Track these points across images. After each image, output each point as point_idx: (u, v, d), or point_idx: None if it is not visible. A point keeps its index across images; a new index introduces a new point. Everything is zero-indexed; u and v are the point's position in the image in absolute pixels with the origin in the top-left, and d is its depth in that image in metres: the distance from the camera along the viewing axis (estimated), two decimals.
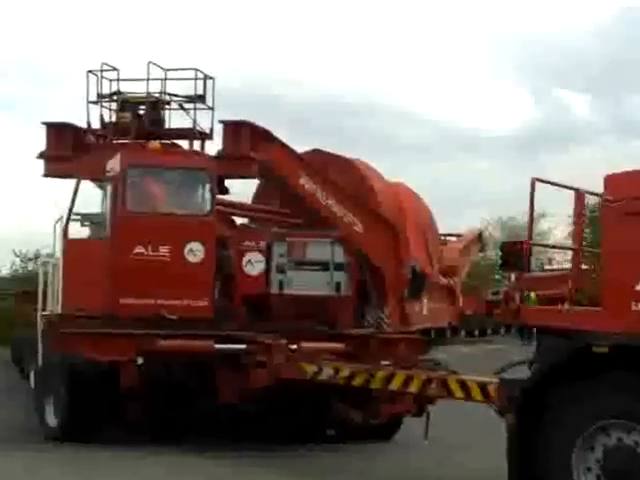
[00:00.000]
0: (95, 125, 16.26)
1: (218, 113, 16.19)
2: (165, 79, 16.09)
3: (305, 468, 11.02)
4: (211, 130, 16.24)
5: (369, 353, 11.96)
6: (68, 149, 16.55)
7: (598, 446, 7.40)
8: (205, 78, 16.13)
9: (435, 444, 10.93)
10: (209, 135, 16.26)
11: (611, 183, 7.90)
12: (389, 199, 18.61)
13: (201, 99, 16.13)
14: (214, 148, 15.87)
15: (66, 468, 10.62)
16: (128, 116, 16.03)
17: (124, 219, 12.34)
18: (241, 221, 16.76)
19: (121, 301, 12.13)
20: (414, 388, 9.45)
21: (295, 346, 11.38)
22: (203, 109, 16.14)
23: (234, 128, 16.04)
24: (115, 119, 16.05)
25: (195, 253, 12.34)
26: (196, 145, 16.10)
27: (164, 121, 16.30)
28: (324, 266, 13.04)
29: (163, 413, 11.97)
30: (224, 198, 15.23)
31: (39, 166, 16.74)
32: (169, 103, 16.28)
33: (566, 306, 8.18)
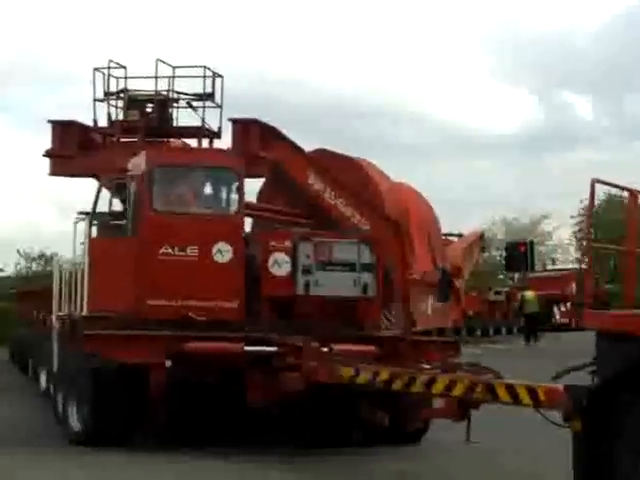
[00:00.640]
0: (101, 123, 16.13)
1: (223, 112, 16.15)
2: (173, 77, 15.89)
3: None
4: (219, 129, 16.03)
5: (399, 355, 11.71)
6: (74, 148, 16.40)
7: None
8: (214, 76, 15.93)
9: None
10: (217, 134, 16.12)
11: None
12: (393, 199, 18.40)
13: (210, 97, 15.94)
14: (223, 147, 15.78)
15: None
16: (136, 114, 15.86)
17: (151, 219, 12.00)
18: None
19: (148, 302, 11.79)
20: (458, 392, 9.13)
21: (326, 349, 11.10)
22: (212, 107, 15.99)
23: (243, 127, 15.80)
24: (122, 117, 15.86)
25: (223, 253, 11.99)
26: (204, 144, 15.96)
27: (172, 119, 16.19)
28: (351, 267, 12.71)
29: (190, 416, 11.71)
30: None
31: (42, 167, 16.51)
32: (177, 101, 16.11)
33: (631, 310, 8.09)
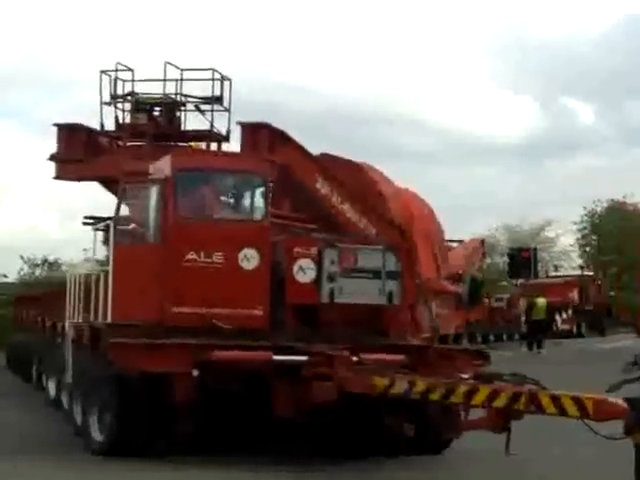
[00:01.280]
0: (108, 127, 15.90)
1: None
2: (181, 80, 15.70)
3: None
4: (228, 132, 15.90)
5: (428, 365, 11.27)
6: (80, 151, 16.17)
7: None
8: (222, 79, 15.76)
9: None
10: (226, 137, 15.97)
11: None
12: (397, 204, 18.32)
13: (218, 101, 15.75)
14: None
15: None
16: (143, 117, 15.64)
17: (175, 225, 11.64)
18: None
19: (173, 310, 11.46)
20: (500, 403, 8.85)
21: (356, 358, 10.73)
22: (220, 111, 15.83)
23: (252, 130, 15.73)
24: (130, 120, 15.63)
25: (249, 260, 11.66)
26: (213, 148, 15.78)
27: (180, 122, 16.00)
28: (375, 274, 12.45)
29: (215, 427, 11.37)
30: None
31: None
32: (184, 104, 15.92)
33: None
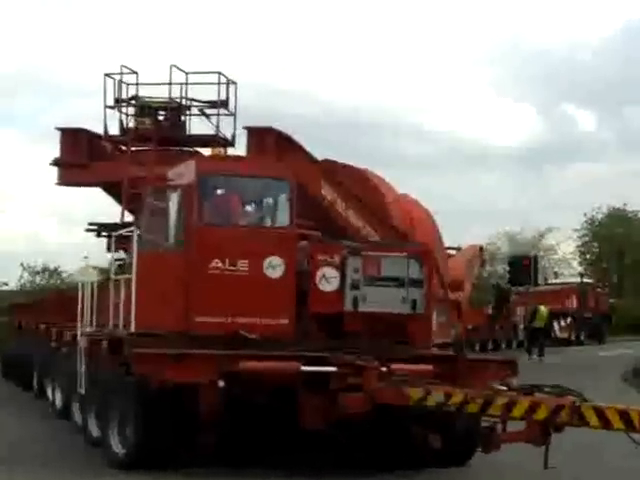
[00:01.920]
0: (112, 131, 15.66)
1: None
2: (186, 83, 15.49)
3: None
4: (233, 136, 15.74)
5: (456, 375, 10.80)
6: (83, 156, 15.93)
7: None
8: (228, 82, 15.58)
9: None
10: (231, 142, 15.78)
11: None
12: (399, 210, 18.23)
13: (224, 105, 15.57)
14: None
15: None
16: (148, 122, 15.40)
17: (200, 231, 11.31)
18: None
19: (197, 319, 11.15)
20: (541, 415, 8.61)
21: (385, 368, 10.27)
22: (226, 115, 15.63)
23: (259, 135, 15.54)
24: (134, 124, 15.40)
25: (275, 268, 11.37)
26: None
27: (185, 127, 15.78)
28: (399, 282, 12.23)
29: (240, 439, 11.06)
30: None
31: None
32: (189, 108, 15.71)
33: None
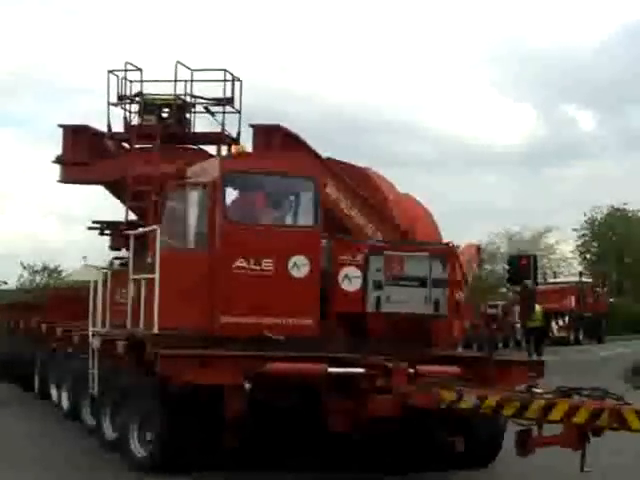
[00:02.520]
0: (115, 129, 15.37)
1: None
2: (191, 80, 15.21)
3: None
4: (238, 134, 15.47)
5: (486, 378, 10.70)
6: (86, 153, 15.62)
7: None
8: (233, 80, 15.31)
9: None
10: (236, 140, 15.49)
11: None
12: (401, 210, 18.06)
13: (229, 102, 15.30)
14: None
15: None
16: (152, 119, 15.11)
17: (224, 230, 11.08)
18: None
19: (221, 319, 10.93)
20: (580, 419, 8.40)
21: (412, 370, 10.13)
22: (232, 112, 15.36)
23: (266, 133, 15.32)
24: (138, 122, 15.10)
25: (300, 267, 11.17)
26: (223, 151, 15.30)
27: (190, 124, 15.50)
28: (422, 282, 12.03)
29: (266, 442, 10.87)
30: None
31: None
32: (194, 105, 15.42)
33: None
